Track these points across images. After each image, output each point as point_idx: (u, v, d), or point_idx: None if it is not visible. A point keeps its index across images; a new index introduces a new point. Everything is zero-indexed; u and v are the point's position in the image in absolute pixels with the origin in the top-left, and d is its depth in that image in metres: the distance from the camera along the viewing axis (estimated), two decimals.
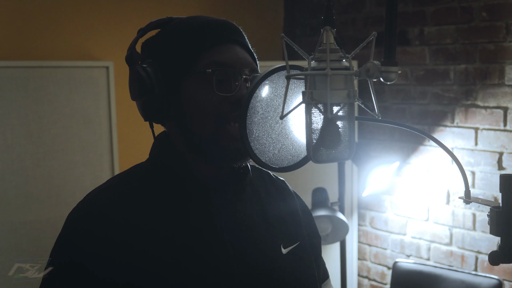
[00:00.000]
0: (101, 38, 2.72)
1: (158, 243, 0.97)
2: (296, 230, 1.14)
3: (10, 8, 2.50)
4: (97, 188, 1.06)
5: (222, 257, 1.01)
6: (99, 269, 0.95)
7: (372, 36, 0.79)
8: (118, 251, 0.95)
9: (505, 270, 2.60)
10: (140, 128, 2.90)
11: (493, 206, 0.88)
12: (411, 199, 2.95)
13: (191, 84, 1.01)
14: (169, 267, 0.96)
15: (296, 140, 0.95)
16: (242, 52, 1.05)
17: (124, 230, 0.97)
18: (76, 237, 0.98)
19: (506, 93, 2.55)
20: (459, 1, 2.69)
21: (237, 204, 1.07)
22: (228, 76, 1.00)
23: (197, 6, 3.01)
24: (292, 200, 1.20)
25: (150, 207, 1.01)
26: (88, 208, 1.01)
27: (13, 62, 2.37)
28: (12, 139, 2.33)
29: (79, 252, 0.97)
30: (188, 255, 0.98)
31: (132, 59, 1.04)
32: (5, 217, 2.33)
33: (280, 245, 1.08)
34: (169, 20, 1.09)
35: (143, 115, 1.05)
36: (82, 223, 0.99)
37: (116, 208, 0.99)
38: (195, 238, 1.00)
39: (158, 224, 0.99)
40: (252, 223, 1.07)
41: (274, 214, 1.12)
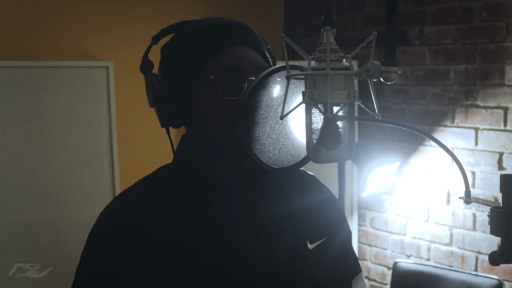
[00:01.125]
0: (101, 38, 2.72)
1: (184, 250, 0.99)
2: (323, 225, 1.13)
3: (10, 8, 2.50)
4: (125, 192, 1.08)
5: (245, 252, 1.02)
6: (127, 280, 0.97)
7: (372, 36, 0.79)
8: (144, 260, 0.98)
9: (505, 270, 2.60)
10: (140, 128, 2.90)
11: (494, 206, 0.88)
12: (411, 199, 2.95)
13: (200, 90, 1.02)
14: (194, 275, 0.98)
15: (296, 140, 0.95)
16: (249, 52, 1.04)
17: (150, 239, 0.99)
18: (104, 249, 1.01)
19: (506, 93, 2.55)
20: (459, 1, 2.69)
21: (261, 201, 1.07)
22: (233, 80, 1.01)
23: (197, 6, 3.01)
24: (320, 194, 1.19)
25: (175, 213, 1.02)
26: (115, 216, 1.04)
27: (13, 62, 2.37)
28: (12, 139, 2.33)
29: (107, 265, 0.99)
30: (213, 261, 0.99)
31: (145, 68, 1.06)
32: (5, 217, 2.33)
33: (306, 240, 1.08)
34: (182, 24, 1.09)
35: (160, 121, 1.07)
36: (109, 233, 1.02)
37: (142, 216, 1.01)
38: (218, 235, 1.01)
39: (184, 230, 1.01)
40: (277, 219, 1.07)
41: (300, 210, 1.12)
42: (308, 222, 1.11)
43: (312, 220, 1.12)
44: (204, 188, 1.05)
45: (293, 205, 1.11)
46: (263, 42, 1.10)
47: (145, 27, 2.79)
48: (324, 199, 1.19)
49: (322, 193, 1.20)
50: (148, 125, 2.84)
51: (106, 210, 1.06)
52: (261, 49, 1.07)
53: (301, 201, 1.14)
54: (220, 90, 0.99)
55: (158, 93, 1.03)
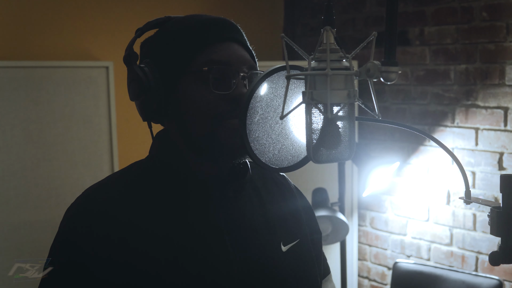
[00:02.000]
0: (101, 38, 2.72)
1: (157, 241, 0.97)
2: (296, 227, 1.14)
3: (10, 8, 2.50)
4: (95, 184, 1.06)
5: (221, 255, 1.01)
6: (98, 268, 0.95)
7: (372, 36, 0.79)
8: (116, 250, 0.95)
9: (506, 271, 2.60)
10: (140, 128, 2.89)
11: (494, 207, 0.88)
12: (411, 200, 2.95)
13: (189, 83, 1.01)
14: (167, 266, 0.96)
15: (296, 141, 0.95)
16: (240, 50, 1.05)
17: (123, 229, 0.97)
18: (75, 236, 0.98)
19: (506, 93, 2.55)
20: (459, 1, 2.69)
21: (236, 202, 1.07)
22: (225, 74, 1.01)
23: (197, 6, 3.01)
24: (293, 196, 1.19)
25: (149, 205, 1.01)
26: (86, 205, 1.01)
27: (13, 62, 2.37)
28: (12, 139, 2.33)
29: (78, 251, 0.97)
30: (186, 253, 0.98)
31: (129, 59, 1.04)
32: (5, 217, 2.33)
33: (280, 242, 1.08)
34: (167, 19, 1.09)
35: (142, 115, 1.06)
36: (81, 220, 0.99)
37: (115, 206, 0.99)
38: (193, 236, 1.00)
39: (157, 222, 0.99)
40: (252, 221, 1.07)
41: (274, 212, 1.12)
42: (282, 224, 1.11)
43: (285, 222, 1.12)
44: (180, 186, 1.03)
45: (267, 207, 1.11)
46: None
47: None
48: (297, 201, 1.19)
49: (295, 196, 1.20)
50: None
51: (78, 199, 1.03)
52: (247, 45, 1.07)
53: (275, 203, 1.14)
54: (212, 83, 0.99)
55: (143, 85, 1.01)
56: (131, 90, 1.04)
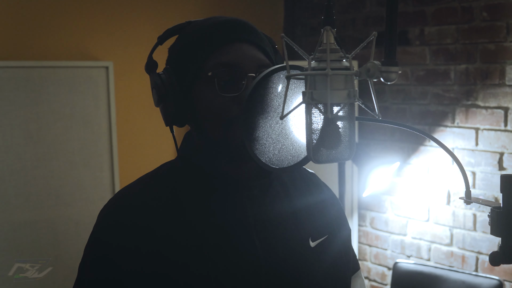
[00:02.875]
0: (101, 38, 2.72)
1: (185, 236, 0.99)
2: (324, 223, 1.14)
3: (10, 8, 2.50)
4: (127, 187, 1.09)
5: (249, 251, 1.02)
6: (127, 260, 0.98)
7: (373, 36, 0.79)
8: (145, 240, 0.98)
9: (506, 271, 2.60)
10: (140, 128, 2.90)
11: (494, 207, 0.87)
12: (411, 200, 2.95)
13: (201, 88, 1.02)
14: (196, 261, 0.98)
15: (296, 141, 0.95)
16: (250, 49, 1.04)
17: (152, 222, 1.00)
18: (106, 233, 1.02)
19: (506, 93, 2.55)
20: (459, 1, 2.69)
21: (263, 199, 1.07)
22: (232, 76, 1.01)
23: (196, 6, 3.01)
24: (321, 193, 1.20)
25: (178, 204, 1.03)
26: (117, 202, 1.05)
27: (13, 62, 2.37)
28: (12, 139, 2.33)
29: (109, 247, 1.00)
30: (214, 250, 1.00)
31: (149, 67, 1.07)
32: (5, 217, 2.33)
33: (308, 238, 1.09)
34: (187, 24, 1.10)
35: (164, 120, 1.08)
36: (111, 217, 1.03)
37: (142, 200, 1.02)
38: (222, 232, 1.02)
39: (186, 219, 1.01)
40: (280, 218, 1.08)
41: (302, 208, 1.12)
42: (310, 220, 1.12)
43: (313, 218, 1.13)
44: (207, 186, 1.05)
45: (295, 204, 1.12)
46: (268, 41, 1.10)
47: (145, 27, 2.79)
48: (325, 197, 1.20)
49: (323, 192, 1.21)
50: (148, 125, 2.83)
51: (110, 207, 1.05)
52: (263, 46, 1.06)
53: (303, 199, 1.14)
54: (218, 86, 1.00)
55: (161, 92, 1.04)
56: (153, 97, 1.07)
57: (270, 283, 1.02)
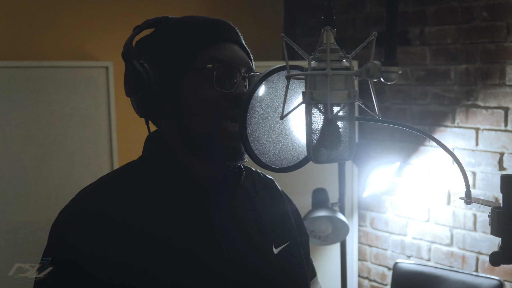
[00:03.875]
0: (101, 38, 2.71)
1: (153, 241, 0.97)
2: (286, 229, 1.15)
3: (9, 8, 2.50)
4: (90, 185, 1.06)
5: (217, 256, 1.01)
6: (94, 268, 0.95)
7: (373, 36, 0.79)
8: (113, 250, 0.95)
9: (506, 271, 2.60)
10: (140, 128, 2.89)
11: (494, 207, 0.87)
12: (411, 200, 2.95)
13: (189, 80, 1.01)
14: (163, 266, 0.96)
15: (296, 141, 0.95)
16: (239, 50, 1.06)
17: (119, 229, 0.96)
18: (71, 235, 0.98)
19: (507, 93, 2.55)
20: (459, 1, 2.69)
21: (230, 204, 1.07)
22: (227, 73, 1.01)
23: (196, 6, 3.01)
24: (282, 200, 1.20)
25: (144, 205, 1.00)
26: (82, 205, 1.01)
27: (13, 62, 2.37)
28: (12, 139, 2.33)
29: (74, 250, 0.96)
30: (183, 254, 0.98)
31: (129, 55, 1.02)
32: (5, 217, 2.33)
33: (271, 245, 1.09)
34: (165, 19, 1.09)
35: (138, 111, 1.05)
36: (76, 220, 0.98)
37: (111, 206, 0.99)
38: (190, 237, 1.00)
39: (153, 223, 0.99)
40: (245, 224, 1.08)
41: (265, 214, 1.13)
42: (273, 227, 1.12)
43: (276, 225, 1.13)
44: (175, 187, 1.03)
45: (258, 210, 1.12)
46: None
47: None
48: (285, 203, 1.20)
49: (283, 198, 1.21)
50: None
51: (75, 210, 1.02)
52: (247, 49, 1.08)
53: (265, 205, 1.15)
54: (216, 81, 0.99)
55: (143, 81, 0.99)
56: (129, 86, 1.03)
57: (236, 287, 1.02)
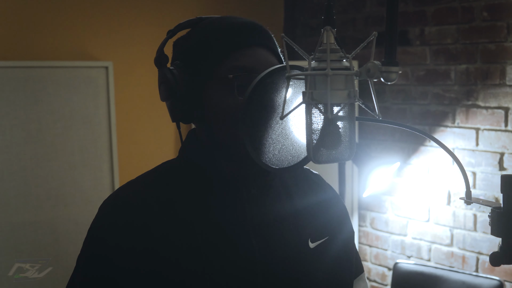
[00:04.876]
0: (101, 38, 2.71)
1: (182, 235, 0.99)
2: (325, 224, 1.13)
3: (9, 8, 2.50)
4: (128, 182, 1.09)
5: (245, 250, 1.02)
6: (122, 259, 0.98)
7: (373, 36, 0.79)
8: (142, 240, 0.98)
9: (506, 271, 2.60)
10: (140, 128, 2.90)
11: (494, 207, 0.87)
12: (411, 200, 2.95)
13: (214, 88, 1.02)
14: (191, 257, 0.98)
15: (296, 141, 0.95)
16: (266, 55, 1.04)
17: (149, 221, 1.00)
18: (103, 231, 1.02)
19: (507, 93, 2.55)
20: (460, 1, 2.69)
21: (263, 199, 1.07)
22: (249, 81, 1.00)
23: (196, 6, 3.01)
24: (323, 194, 1.19)
25: (174, 200, 1.03)
26: (115, 200, 1.05)
27: (12, 62, 2.37)
28: (11, 139, 2.33)
29: (106, 245, 1.00)
30: (210, 247, 1.00)
31: (160, 61, 1.05)
32: (5, 217, 2.33)
33: (307, 239, 1.08)
34: (198, 20, 1.09)
35: (170, 116, 1.07)
36: (109, 215, 1.03)
37: (141, 199, 1.02)
38: (218, 231, 1.02)
39: (182, 217, 1.01)
40: (279, 218, 1.07)
41: (303, 208, 1.12)
42: (310, 221, 1.11)
43: (314, 219, 1.12)
44: (206, 186, 1.05)
45: (296, 204, 1.11)
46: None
47: (145, 27, 2.79)
48: (327, 198, 1.19)
49: (325, 192, 1.20)
50: (148, 125, 2.83)
51: (108, 204, 1.05)
52: (275, 50, 1.07)
53: (304, 199, 1.14)
54: (237, 90, 0.99)
55: (171, 88, 1.02)
56: (161, 92, 1.06)
57: (266, 283, 1.02)
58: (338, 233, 1.15)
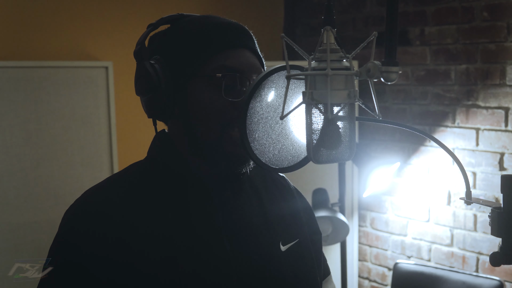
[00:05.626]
0: (101, 38, 2.71)
1: (155, 241, 0.97)
2: (295, 227, 1.14)
3: (9, 8, 2.50)
4: (95, 186, 1.06)
5: (219, 255, 1.01)
6: (97, 269, 0.95)
7: (373, 36, 0.78)
8: (115, 250, 0.95)
9: (506, 271, 2.60)
10: (140, 128, 2.90)
11: (494, 207, 0.87)
12: (412, 200, 2.95)
13: (199, 86, 1.01)
14: (166, 266, 0.96)
15: (296, 141, 0.95)
16: (251, 57, 1.04)
17: (121, 229, 0.97)
18: (74, 236, 0.98)
19: (507, 93, 2.55)
20: (460, 1, 2.69)
21: (235, 202, 1.07)
22: (236, 81, 1.00)
23: (196, 6, 3.01)
24: (292, 197, 1.19)
25: (148, 205, 1.01)
26: (85, 206, 1.01)
27: (12, 62, 2.37)
28: (11, 139, 2.33)
29: (77, 251, 0.97)
30: (185, 253, 0.98)
31: (140, 54, 1.03)
32: (5, 217, 2.33)
33: (279, 242, 1.08)
34: (180, 17, 1.08)
35: (147, 112, 1.05)
36: (79, 221, 0.99)
37: (113, 206, 0.99)
38: (192, 236, 1.00)
39: (155, 222, 0.99)
40: (251, 221, 1.07)
41: (273, 212, 1.12)
42: (281, 224, 1.11)
43: (284, 222, 1.12)
44: (179, 189, 1.03)
45: (267, 208, 1.11)
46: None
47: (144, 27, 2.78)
48: (295, 201, 1.20)
49: (293, 195, 1.20)
50: (148, 125, 2.82)
51: (79, 210, 1.02)
52: (258, 53, 1.07)
53: (275, 203, 1.14)
54: (224, 90, 0.99)
55: (152, 82, 1.00)
56: (139, 86, 1.04)
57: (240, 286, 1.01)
58: (307, 235, 1.16)
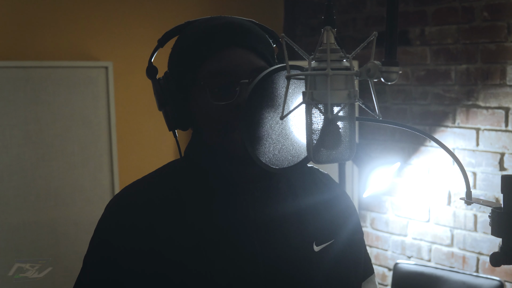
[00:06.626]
0: (101, 38, 2.71)
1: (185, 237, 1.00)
2: (332, 226, 1.12)
3: (10, 8, 2.50)
4: (133, 183, 1.10)
5: (247, 252, 1.02)
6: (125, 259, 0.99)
7: (373, 36, 0.78)
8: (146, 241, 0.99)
9: (507, 272, 2.60)
10: (139, 129, 2.90)
11: (495, 207, 0.87)
12: (412, 200, 2.94)
13: (197, 94, 1.03)
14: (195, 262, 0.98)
15: (297, 141, 0.95)
16: (244, 54, 1.02)
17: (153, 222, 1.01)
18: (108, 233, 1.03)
19: (507, 93, 2.55)
20: (460, 1, 2.69)
21: (267, 201, 1.07)
22: (224, 84, 1.00)
23: (196, 6, 3.01)
24: (333, 196, 1.17)
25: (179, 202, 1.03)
26: (120, 201, 1.07)
27: (12, 62, 2.37)
28: (11, 139, 2.33)
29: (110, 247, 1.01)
30: (212, 246, 1.00)
31: (150, 72, 1.07)
32: (5, 217, 2.33)
33: (312, 242, 1.07)
34: (187, 25, 1.08)
35: (167, 125, 1.08)
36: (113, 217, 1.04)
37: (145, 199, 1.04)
38: (219, 230, 1.02)
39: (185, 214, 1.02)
40: (283, 220, 1.07)
41: (309, 211, 1.10)
42: (316, 224, 1.10)
43: (320, 222, 1.10)
44: (209, 187, 1.05)
45: (301, 206, 1.10)
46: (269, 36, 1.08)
47: (144, 27, 2.79)
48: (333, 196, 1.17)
49: (332, 191, 1.18)
50: (148, 125, 2.83)
51: (113, 205, 1.06)
52: (258, 49, 1.04)
53: (311, 202, 1.12)
54: (210, 95, 1.00)
55: (161, 98, 1.05)
56: (156, 101, 1.08)
57: (269, 286, 1.01)
58: (345, 235, 1.13)
